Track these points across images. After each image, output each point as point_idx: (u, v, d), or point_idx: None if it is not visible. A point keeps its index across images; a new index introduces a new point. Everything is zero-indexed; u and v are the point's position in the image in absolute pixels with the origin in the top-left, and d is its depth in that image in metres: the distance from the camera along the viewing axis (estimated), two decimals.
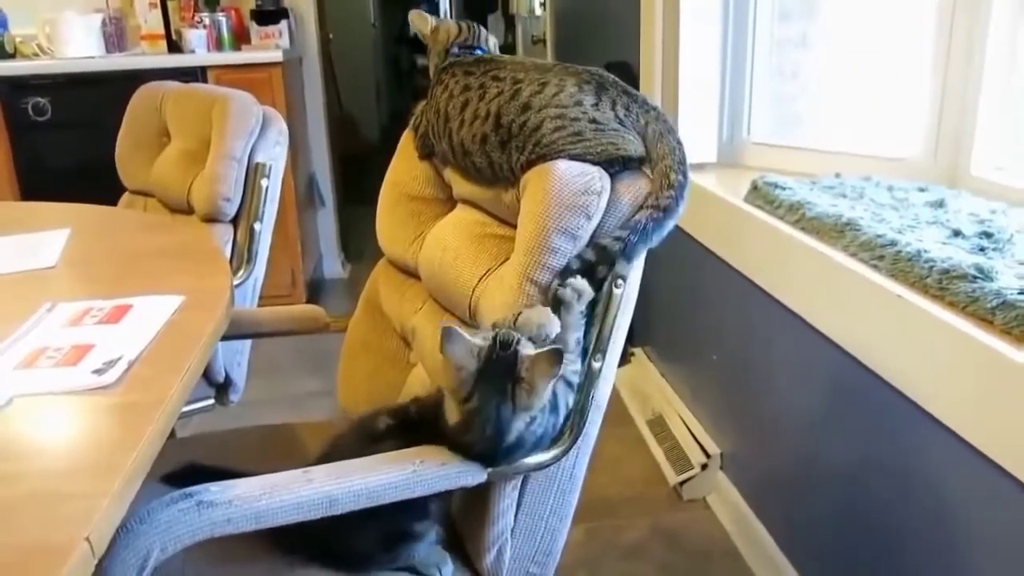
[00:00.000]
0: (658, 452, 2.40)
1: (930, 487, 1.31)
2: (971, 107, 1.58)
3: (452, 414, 1.02)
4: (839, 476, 1.62)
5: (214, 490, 0.92)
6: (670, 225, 1.09)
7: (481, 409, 0.98)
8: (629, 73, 2.60)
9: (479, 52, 1.32)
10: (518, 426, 0.99)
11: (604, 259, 1.07)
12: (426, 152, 1.39)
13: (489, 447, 1.01)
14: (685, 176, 1.09)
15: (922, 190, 1.60)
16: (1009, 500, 1.11)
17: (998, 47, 1.52)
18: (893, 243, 1.35)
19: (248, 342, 1.96)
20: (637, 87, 1.33)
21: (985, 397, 1.13)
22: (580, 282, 1.05)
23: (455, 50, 1.31)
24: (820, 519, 1.72)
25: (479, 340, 0.98)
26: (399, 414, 1.15)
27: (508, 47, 5.96)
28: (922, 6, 1.67)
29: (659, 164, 1.11)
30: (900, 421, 1.35)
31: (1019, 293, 1.12)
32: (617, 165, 1.12)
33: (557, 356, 0.95)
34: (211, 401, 1.88)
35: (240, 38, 3.66)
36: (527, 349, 0.97)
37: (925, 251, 1.29)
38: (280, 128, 1.92)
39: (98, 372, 0.95)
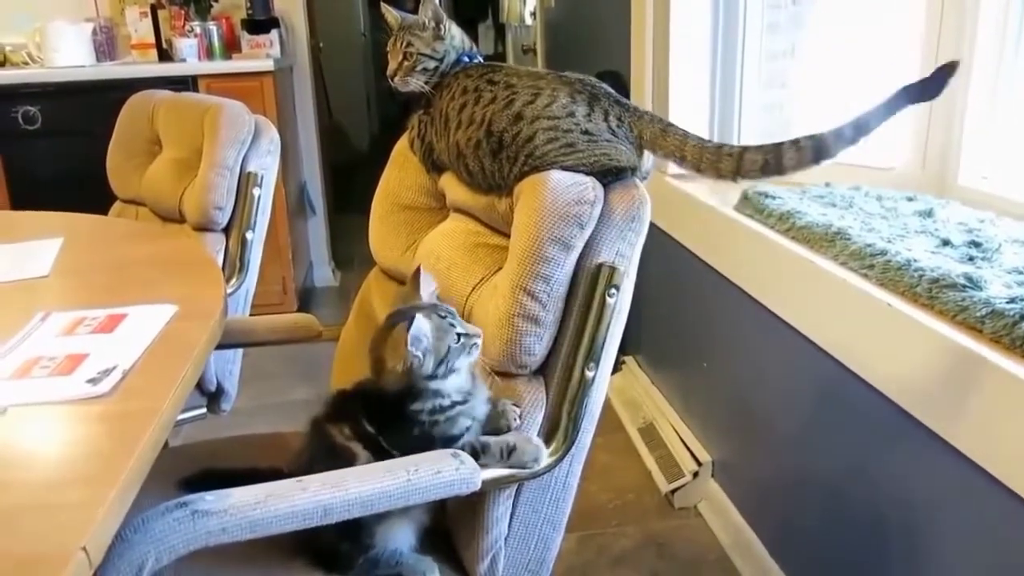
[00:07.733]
0: (649, 460, 2.41)
1: (920, 494, 1.32)
2: (958, 117, 1.59)
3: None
4: (830, 483, 1.63)
5: (209, 499, 0.91)
6: None
7: None
8: (620, 82, 2.61)
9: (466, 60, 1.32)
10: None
11: None
12: (431, 165, 1.37)
13: None
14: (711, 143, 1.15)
15: (911, 199, 1.61)
16: (998, 506, 1.11)
17: (985, 57, 1.53)
18: (883, 252, 1.36)
19: (240, 351, 1.95)
20: (628, 96, 1.35)
21: (974, 405, 1.14)
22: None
23: (464, 59, 1.31)
24: (812, 526, 1.72)
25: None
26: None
27: (499, 56, 5.97)
28: (909, 17, 1.69)
29: (678, 153, 1.14)
30: (890, 428, 1.35)
31: (1008, 302, 1.13)
32: (611, 176, 1.12)
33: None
34: (203, 410, 1.87)
35: (231, 47, 3.66)
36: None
37: (915, 260, 1.30)
38: (272, 137, 1.92)
39: (92, 382, 0.95)
